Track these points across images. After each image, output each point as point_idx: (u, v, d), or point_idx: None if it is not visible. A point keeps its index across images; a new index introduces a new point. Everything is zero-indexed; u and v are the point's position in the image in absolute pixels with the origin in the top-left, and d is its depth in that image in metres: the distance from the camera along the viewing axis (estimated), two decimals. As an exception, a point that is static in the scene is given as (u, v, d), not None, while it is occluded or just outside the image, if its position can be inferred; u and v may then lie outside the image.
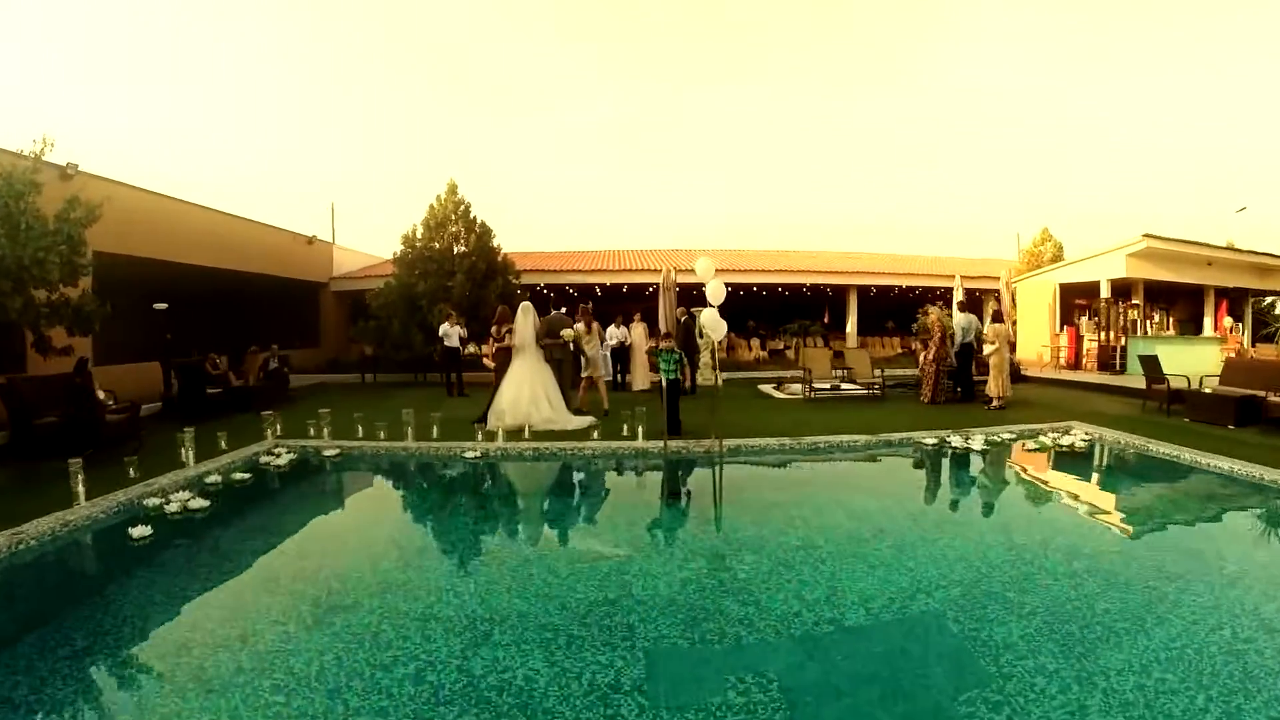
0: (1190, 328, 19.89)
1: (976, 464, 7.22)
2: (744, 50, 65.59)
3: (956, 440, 7.81)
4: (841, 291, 20.23)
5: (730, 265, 19.53)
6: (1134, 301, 17.58)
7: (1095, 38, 56.45)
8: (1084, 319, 17.86)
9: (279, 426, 8.43)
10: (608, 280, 18.88)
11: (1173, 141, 60.08)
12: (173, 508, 5.37)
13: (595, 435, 7.37)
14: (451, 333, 12.81)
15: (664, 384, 7.52)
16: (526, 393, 8.08)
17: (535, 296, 18.90)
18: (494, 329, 8.64)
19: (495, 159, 67.18)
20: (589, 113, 66.81)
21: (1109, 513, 5.63)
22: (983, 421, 9.15)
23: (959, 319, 11.32)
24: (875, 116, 64.38)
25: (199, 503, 5.54)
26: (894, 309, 22.52)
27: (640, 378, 12.71)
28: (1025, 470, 7.20)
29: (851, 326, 19.76)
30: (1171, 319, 20.29)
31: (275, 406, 11.37)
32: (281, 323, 18.14)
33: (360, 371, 15.08)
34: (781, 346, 20.45)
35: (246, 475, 6.46)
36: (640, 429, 7.31)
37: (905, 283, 20.00)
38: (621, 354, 13.16)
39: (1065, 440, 7.93)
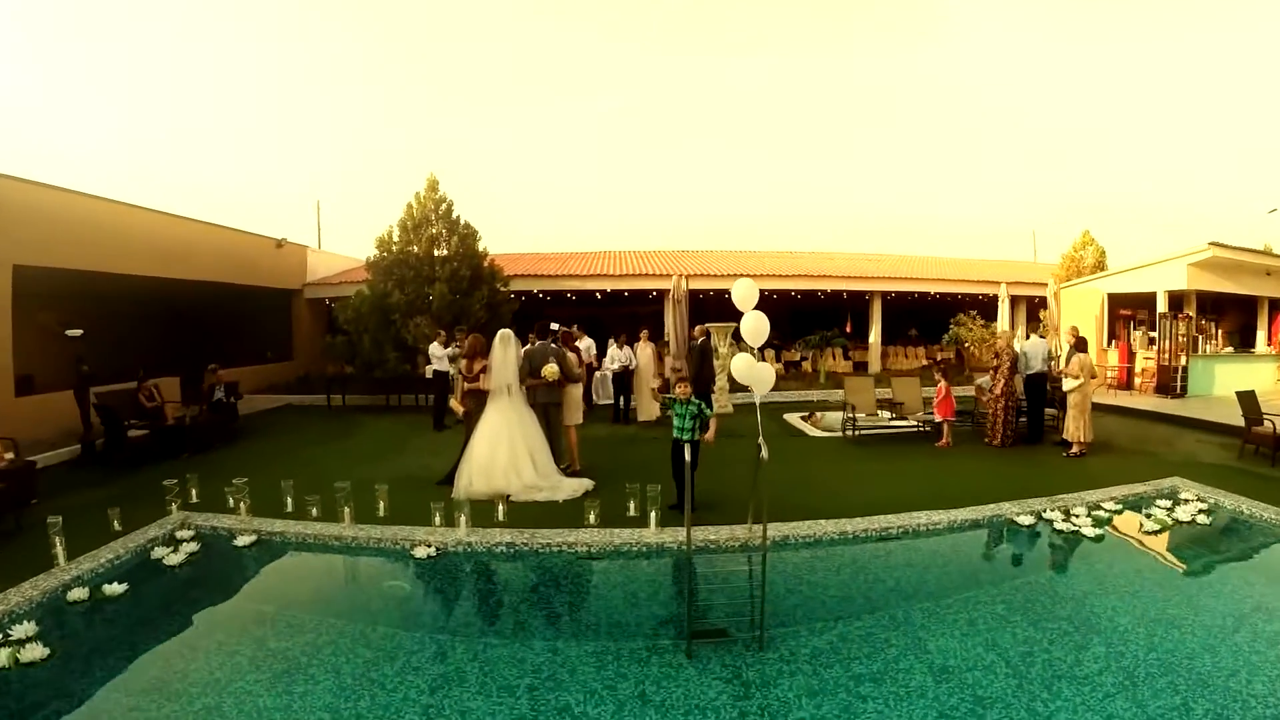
0: (1236, 339, 18.21)
1: (1094, 557, 5.46)
2: (747, 38, 63.58)
3: (1054, 514, 6.09)
4: (863, 297, 18.45)
5: (741, 269, 17.73)
6: (1187, 313, 15.86)
7: (1109, 29, 54.48)
8: (1137, 333, 16.08)
9: (195, 491, 6.69)
10: (608, 285, 17.08)
11: (1194, 138, 58.16)
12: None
13: (593, 517, 5.57)
14: (443, 354, 11.04)
15: (675, 445, 5.82)
16: (504, 452, 6.30)
17: (528, 305, 17.28)
18: (464, 364, 6.86)
19: (483, 155, 65.23)
20: (584, 107, 64.82)
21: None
22: (1068, 477, 7.46)
23: (1032, 345, 9.54)
24: (874, 113, 62.42)
25: (34, 652, 3.76)
26: (916, 316, 20.77)
27: (646, 407, 10.95)
28: (1160, 561, 5.43)
29: (875, 337, 17.99)
30: (1220, 332, 18.58)
31: (216, 447, 9.66)
32: (249, 336, 16.40)
33: (328, 392, 13.27)
34: (798, 358, 18.68)
35: (121, 587, 4.67)
36: (653, 512, 5.51)
37: (938, 289, 18.22)
38: (624, 378, 11.35)
39: (1183, 513, 6.21)
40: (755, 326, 5.20)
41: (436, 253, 14.17)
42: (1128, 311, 17.09)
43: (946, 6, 55.50)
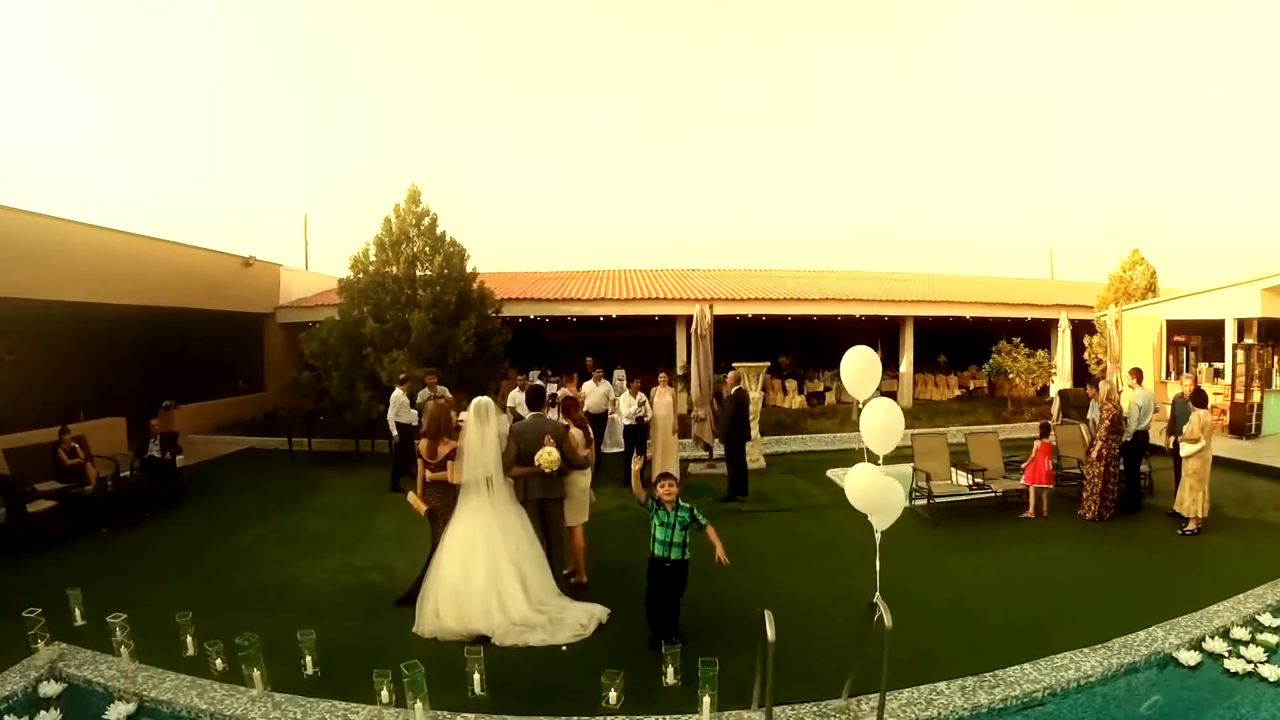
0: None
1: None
2: (752, 48, 62.40)
3: (1220, 647, 4.53)
4: (885, 320, 16.78)
5: (760, 292, 16.10)
6: (1246, 342, 14.26)
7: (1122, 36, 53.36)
8: (1202, 365, 14.43)
9: (79, 611, 4.95)
10: (613, 310, 15.38)
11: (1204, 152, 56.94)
12: None
13: (613, 696, 3.79)
14: (404, 401, 9.37)
15: (654, 567, 4.41)
16: (481, 573, 4.58)
17: (522, 332, 15.57)
18: (424, 444, 5.16)
19: (480, 167, 63.69)
20: (582, 118, 63.45)
21: None
22: (1200, 572, 5.94)
23: (1140, 397, 7.87)
24: (871, 120, 61.19)
25: None
26: (945, 340, 19.11)
27: (663, 463, 9.19)
28: None
29: (907, 366, 16.33)
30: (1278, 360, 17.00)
31: (144, 519, 7.96)
32: (210, 367, 14.69)
33: (289, 434, 11.50)
34: (821, 389, 17.01)
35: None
36: (706, 697, 3.72)
37: (981, 313, 16.57)
38: (638, 430, 9.57)
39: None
40: (865, 369, 3.60)
41: (419, 273, 12.52)
42: (1181, 339, 15.51)
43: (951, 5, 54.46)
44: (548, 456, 4.88)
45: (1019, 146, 61.73)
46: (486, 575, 4.58)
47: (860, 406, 3.69)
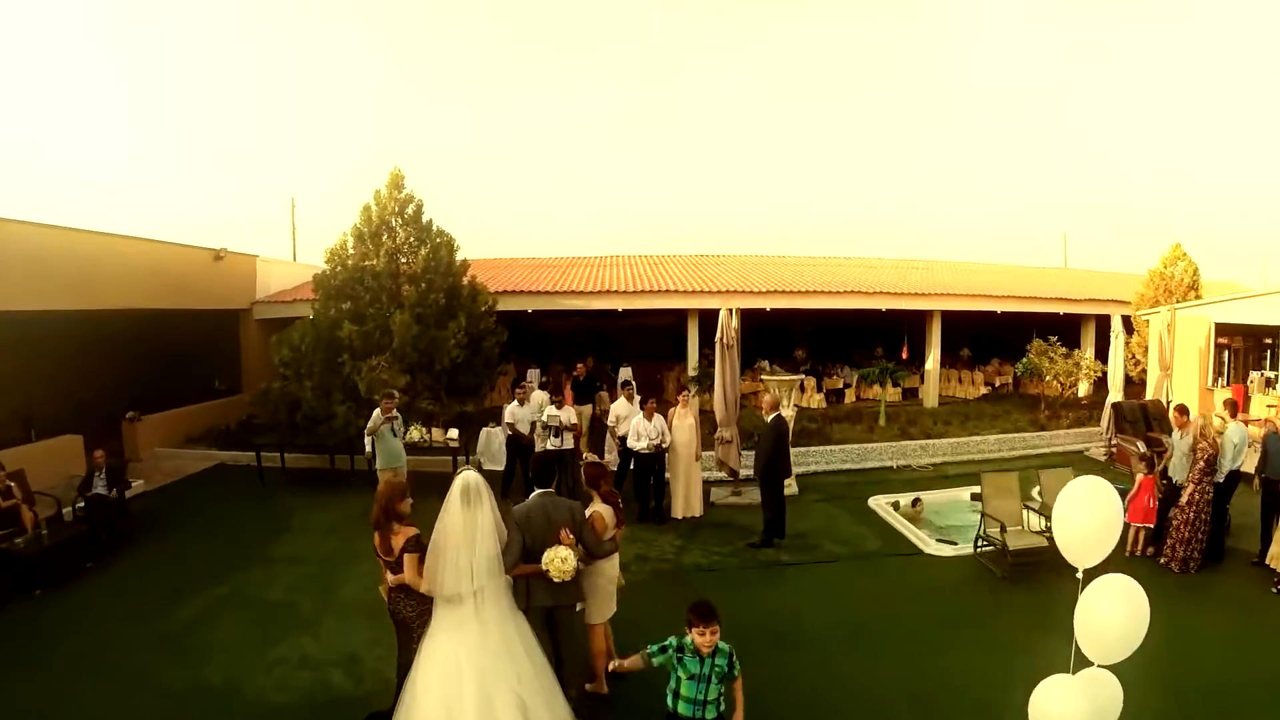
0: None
1: None
2: (756, 30, 59.97)
3: None
4: (909, 313, 15.58)
5: (777, 284, 14.84)
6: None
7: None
8: (1257, 375, 13.26)
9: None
10: (619, 305, 14.05)
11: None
12: None
13: None
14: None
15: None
16: (470, 712, 3.48)
17: (520, 328, 14.37)
18: (376, 538, 4.01)
19: (478, 149, 61.47)
20: (582, 100, 61.15)
21: None
22: None
23: (1237, 433, 6.73)
24: (874, 109, 59.12)
25: None
26: (970, 335, 17.94)
27: (685, 498, 8.06)
28: None
29: (933, 364, 15.15)
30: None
31: (84, 573, 6.85)
32: (179, 373, 13.50)
33: (258, 452, 10.26)
34: (840, 385, 15.87)
35: None
36: None
37: (1018, 307, 15.40)
38: (654, 459, 8.08)
39: None
40: (1106, 520, 2.55)
41: (402, 264, 11.25)
42: (1223, 340, 14.33)
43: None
44: (560, 564, 3.70)
45: (1022, 134, 59.74)
46: (478, 715, 3.47)
47: (1079, 576, 2.54)
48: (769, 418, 7.15)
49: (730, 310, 8.47)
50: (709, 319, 13.88)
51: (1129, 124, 55.67)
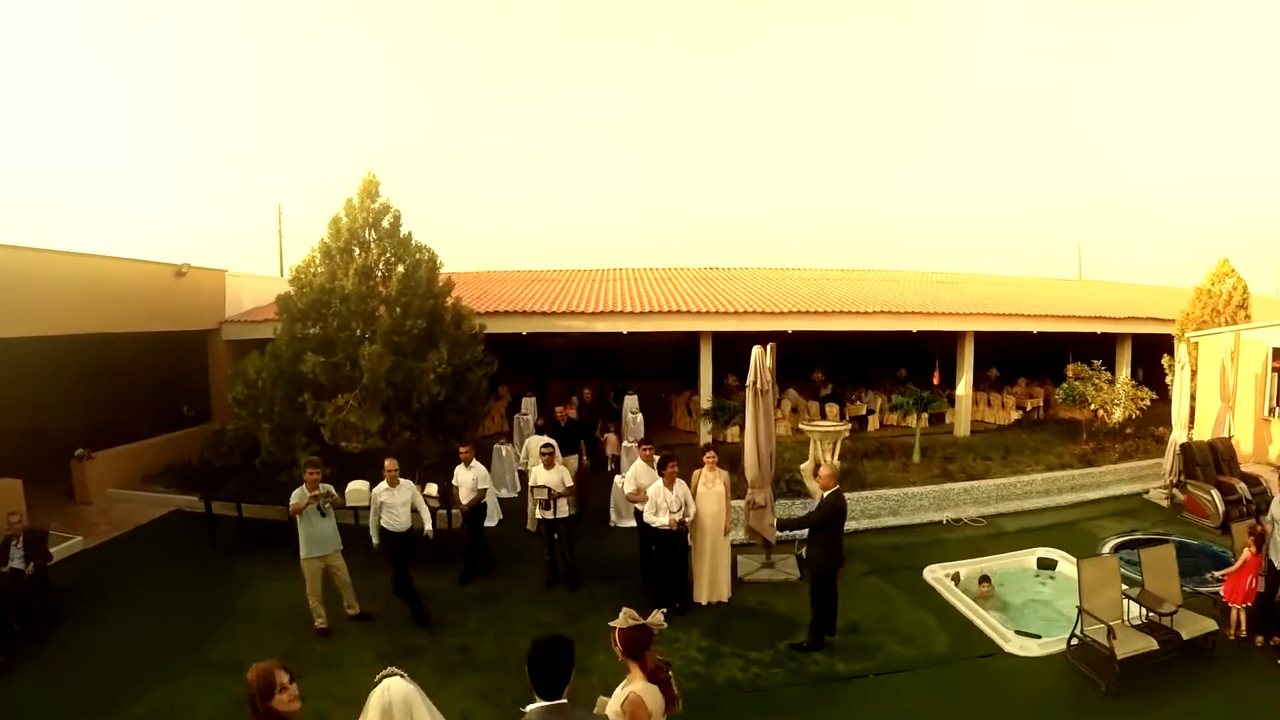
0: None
1: None
2: (756, 31, 58.77)
3: None
4: (945, 336, 14.28)
5: (797, 305, 13.50)
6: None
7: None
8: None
9: None
10: (624, 326, 12.75)
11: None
12: None
13: None
14: (370, 491, 6.92)
15: None
16: None
17: (511, 351, 13.00)
18: None
19: (480, 157, 60.13)
20: (580, 102, 59.90)
21: None
22: None
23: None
24: (874, 114, 57.78)
25: None
26: (998, 354, 16.60)
27: (711, 580, 6.65)
28: None
29: (965, 388, 13.85)
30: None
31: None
32: (143, 402, 12.30)
33: (208, 505, 8.96)
34: (864, 411, 14.58)
35: None
36: None
37: (1050, 328, 14.11)
38: (674, 537, 6.59)
39: None
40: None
41: (376, 282, 10.01)
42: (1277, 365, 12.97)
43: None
44: None
45: (1022, 134, 58.36)
46: None
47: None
48: (826, 493, 5.70)
49: (766, 348, 7.09)
50: (723, 340, 12.62)
51: (1128, 124, 54.34)
